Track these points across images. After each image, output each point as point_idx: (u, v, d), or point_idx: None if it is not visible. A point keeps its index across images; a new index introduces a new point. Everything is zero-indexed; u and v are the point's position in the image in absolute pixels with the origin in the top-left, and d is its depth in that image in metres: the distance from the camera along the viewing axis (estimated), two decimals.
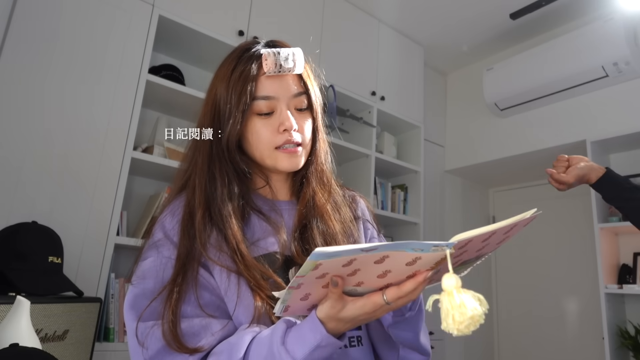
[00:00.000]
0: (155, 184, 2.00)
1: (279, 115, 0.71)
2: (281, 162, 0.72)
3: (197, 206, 0.68)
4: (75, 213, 1.54)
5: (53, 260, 1.31)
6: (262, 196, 0.76)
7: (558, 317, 2.94)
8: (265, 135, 0.71)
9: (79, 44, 1.64)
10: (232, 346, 0.58)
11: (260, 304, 0.63)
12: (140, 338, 0.59)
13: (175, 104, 1.99)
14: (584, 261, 2.84)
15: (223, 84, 0.73)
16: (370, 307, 0.53)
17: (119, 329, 1.60)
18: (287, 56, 0.71)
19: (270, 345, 0.55)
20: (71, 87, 1.60)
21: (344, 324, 0.55)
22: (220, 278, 0.65)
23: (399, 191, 2.75)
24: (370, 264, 0.49)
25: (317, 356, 0.54)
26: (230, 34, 2.03)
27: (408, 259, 0.48)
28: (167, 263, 0.64)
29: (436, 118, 3.23)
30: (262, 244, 0.69)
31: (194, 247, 0.65)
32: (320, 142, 0.78)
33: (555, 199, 3.14)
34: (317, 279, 0.51)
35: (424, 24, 2.81)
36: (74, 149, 1.58)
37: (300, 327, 0.56)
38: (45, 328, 1.17)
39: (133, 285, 0.64)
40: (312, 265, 0.47)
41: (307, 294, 0.54)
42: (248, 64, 0.72)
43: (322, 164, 0.79)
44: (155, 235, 0.68)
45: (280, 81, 0.72)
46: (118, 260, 1.76)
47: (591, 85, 2.45)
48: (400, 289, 0.51)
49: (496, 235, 0.55)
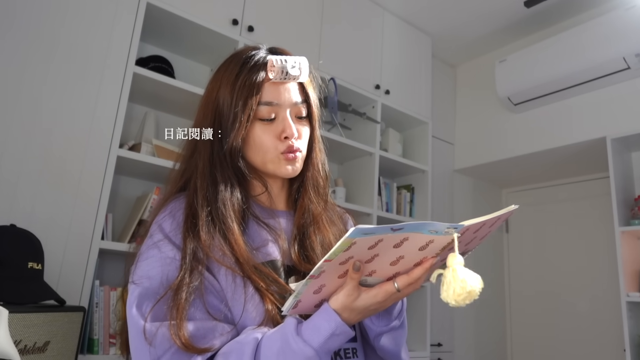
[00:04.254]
0: (143, 185, 2.00)
1: (281, 121, 0.77)
2: (280, 167, 0.78)
3: (199, 209, 0.72)
4: (57, 215, 1.54)
5: (33, 267, 1.31)
6: (259, 204, 0.81)
7: (575, 328, 2.94)
8: (267, 140, 0.77)
9: (60, 33, 1.64)
10: (241, 345, 0.63)
11: (271, 307, 0.68)
12: (149, 338, 0.62)
13: (164, 99, 1.99)
14: (603, 267, 2.84)
15: (227, 88, 0.78)
16: (382, 295, 0.61)
17: (103, 340, 1.60)
18: (294, 64, 0.78)
19: (284, 338, 0.60)
20: (52, 81, 1.60)
21: (356, 314, 0.62)
22: (225, 281, 0.69)
23: (405, 192, 2.76)
24: (389, 248, 0.58)
25: (332, 345, 0.61)
26: (223, 22, 2.03)
27: (422, 242, 0.57)
28: (171, 263, 0.68)
29: (445, 113, 3.24)
30: (263, 251, 0.74)
31: (198, 248, 0.69)
32: (317, 152, 0.85)
33: (572, 201, 3.14)
34: (340, 264, 0.59)
35: (432, 12, 2.81)
36: (55, 146, 1.58)
37: (312, 319, 0.62)
38: (24, 339, 1.16)
39: (136, 285, 0.67)
40: (347, 244, 0.55)
41: (322, 286, 0.61)
42: (254, 70, 0.77)
43: (318, 173, 0.86)
44: (155, 236, 0.72)
45: (283, 88, 0.78)
46: (103, 266, 1.76)
47: (611, 78, 2.45)
48: (410, 276, 0.61)
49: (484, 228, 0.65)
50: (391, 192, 2.71)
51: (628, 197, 2.50)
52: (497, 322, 3.30)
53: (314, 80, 0.85)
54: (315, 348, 0.59)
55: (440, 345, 2.77)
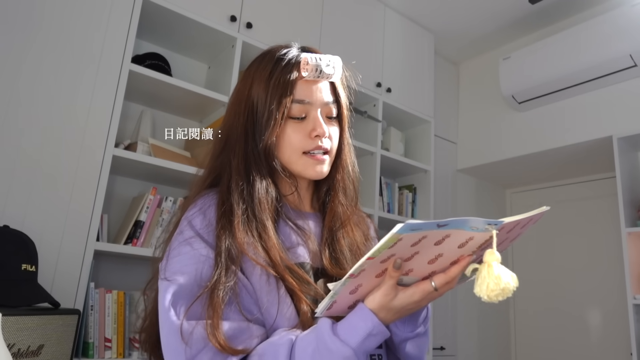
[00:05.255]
0: (139, 185, 2.00)
1: (312, 120, 0.79)
2: (308, 168, 0.79)
3: (235, 205, 0.73)
4: (51, 216, 1.54)
5: (26, 269, 1.31)
6: (288, 204, 0.82)
7: (581, 331, 2.94)
8: (296, 139, 0.78)
9: (54, 30, 1.63)
10: (275, 346, 0.63)
11: (306, 308, 0.69)
12: (185, 337, 0.62)
13: (161, 97, 1.99)
14: (609, 269, 2.84)
15: (260, 86, 0.79)
16: (419, 294, 0.61)
17: (99, 343, 1.59)
18: (328, 62, 0.79)
19: (320, 338, 0.60)
20: (45, 78, 1.60)
21: (393, 314, 0.63)
22: (259, 281, 0.69)
23: (407, 192, 2.76)
24: (431, 245, 0.58)
25: (369, 345, 0.61)
26: (221, 19, 2.03)
27: (462, 239, 0.58)
28: (205, 262, 0.68)
29: (448, 112, 3.24)
30: (293, 252, 0.75)
31: (232, 246, 0.69)
32: (346, 154, 0.86)
33: (578, 201, 3.14)
34: (381, 262, 0.59)
35: (435, 9, 2.80)
36: (50, 145, 1.57)
37: (348, 319, 0.62)
38: (18, 343, 1.16)
39: (169, 282, 0.67)
40: (394, 240, 0.55)
41: (358, 286, 0.62)
42: (288, 68, 0.79)
43: (347, 176, 0.86)
44: (185, 233, 0.72)
45: (315, 86, 0.80)
46: (98, 268, 1.76)
47: (618, 75, 2.45)
48: (447, 274, 0.61)
49: (516, 229, 0.65)
50: (393, 193, 2.71)
51: (635, 197, 2.49)
52: (501, 324, 3.30)
53: (346, 81, 0.87)
54: (353, 347, 0.59)
55: (443, 349, 2.77)
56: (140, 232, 1.76)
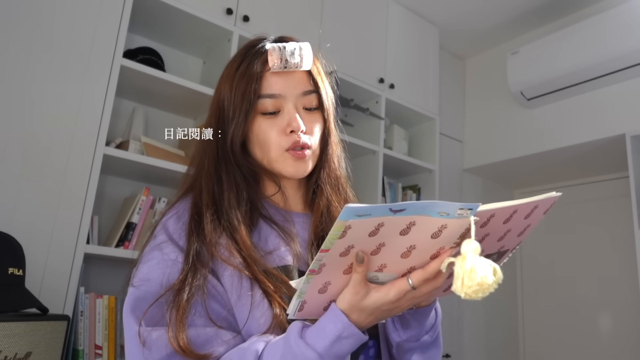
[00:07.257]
0: (131, 185, 2.00)
1: (285, 114, 0.76)
2: (287, 166, 0.76)
3: (204, 208, 0.73)
4: (39, 218, 1.53)
5: (13, 272, 1.31)
6: (274, 205, 0.80)
7: (592, 335, 2.94)
8: (272, 136, 0.76)
9: (42, 23, 1.63)
10: (243, 351, 0.61)
11: (279, 312, 0.66)
12: (146, 342, 0.62)
13: (154, 93, 1.99)
14: (622, 271, 2.84)
15: (227, 83, 0.79)
16: (394, 293, 0.56)
17: (89, 351, 1.59)
18: (293, 51, 0.75)
19: (287, 343, 0.58)
20: (33, 74, 1.59)
21: (367, 315, 0.58)
22: (231, 284, 0.68)
23: (411, 192, 2.76)
24: (395, 235, 0.53)
25: (340, 349, 0.57)
26: (216, 12, 2.03)
27: (434, 228, 0.53)
28: (173, 266, 0.68)
29: (453, 109, 3.24)
30: (276, 254, 0.73)
31: (202, 249, 0.69)
32: (332, 146, 0.83)
33: (589, 202, 3.14)
34: (341, 256, 0.55)
35: (439, 1, 2.80)
36: (38, 144, 1.57)
37: (319, 321, 0.60)
38: (4, 350, 1.16)
39: (134, 287, 0.67)
40: (341, 228, 0.51)
41: (327, 283, 0.58)
42: (252, 60, 0.77)
43: (335, 170, 0.84)
44: (158, 237, 0.72)
45: (287, 78, 0.76)
46: (88, 272, 1.76)
47: (632, 71, 2.45)
48: (425, 270, 0.56)
49: (517, 220, 0.60)
50: (396, 193, 2.71)
51: None
52: (509, 330, 3.29)
53: (323, 67, 0.83)
54: (319, 352, 0.56)
55: (448, 356, 2.76)
56: (132, 234, 1.76)
